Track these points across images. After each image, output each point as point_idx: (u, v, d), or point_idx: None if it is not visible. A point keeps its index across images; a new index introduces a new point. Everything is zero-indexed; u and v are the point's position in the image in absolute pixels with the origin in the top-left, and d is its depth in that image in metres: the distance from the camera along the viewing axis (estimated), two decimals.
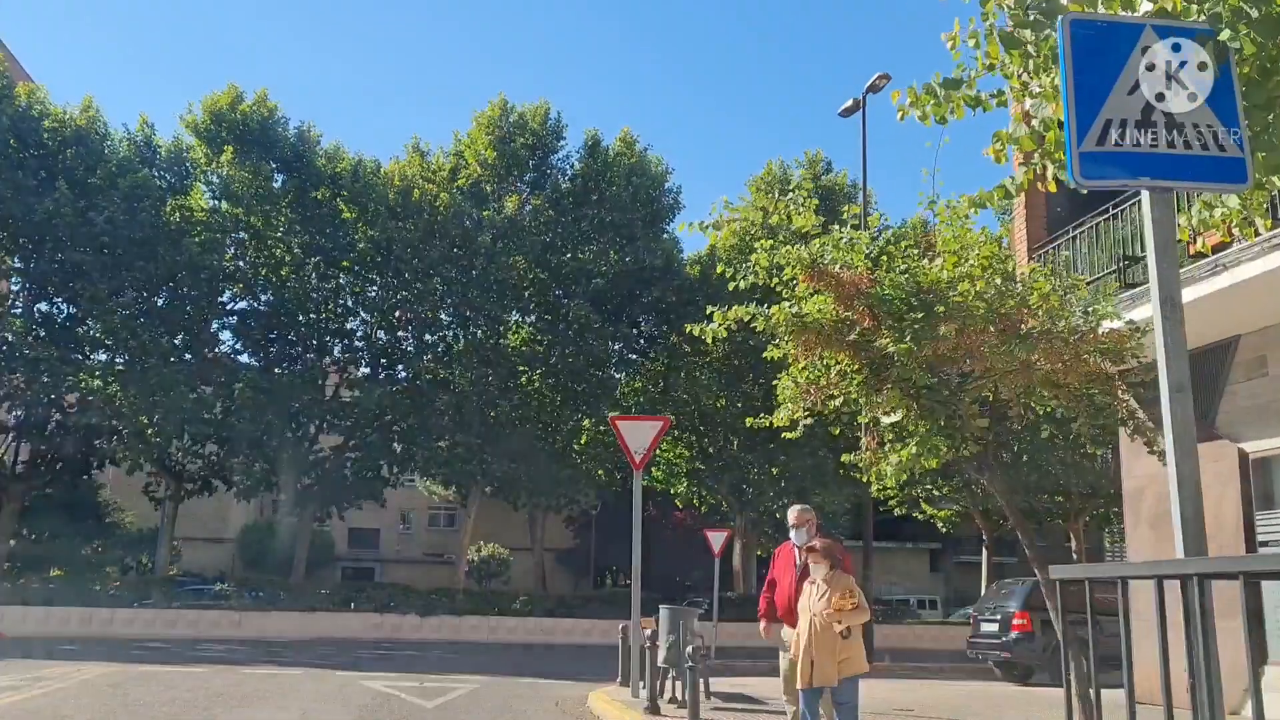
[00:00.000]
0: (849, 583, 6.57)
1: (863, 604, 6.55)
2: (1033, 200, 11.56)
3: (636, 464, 10.66)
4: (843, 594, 6.49)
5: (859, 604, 6.52)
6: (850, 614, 6.48)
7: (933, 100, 4.25)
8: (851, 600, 6.50)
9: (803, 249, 7.59)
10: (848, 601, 6.46)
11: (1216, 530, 9.67)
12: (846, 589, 6.51)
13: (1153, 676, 7.57)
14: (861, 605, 6.54)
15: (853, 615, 6.50)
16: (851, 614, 6.49)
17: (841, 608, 6.43)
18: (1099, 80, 3.21)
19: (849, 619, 6.47)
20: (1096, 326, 7.28)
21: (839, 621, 6.41)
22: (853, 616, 6.50)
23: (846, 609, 6.44)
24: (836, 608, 6.43)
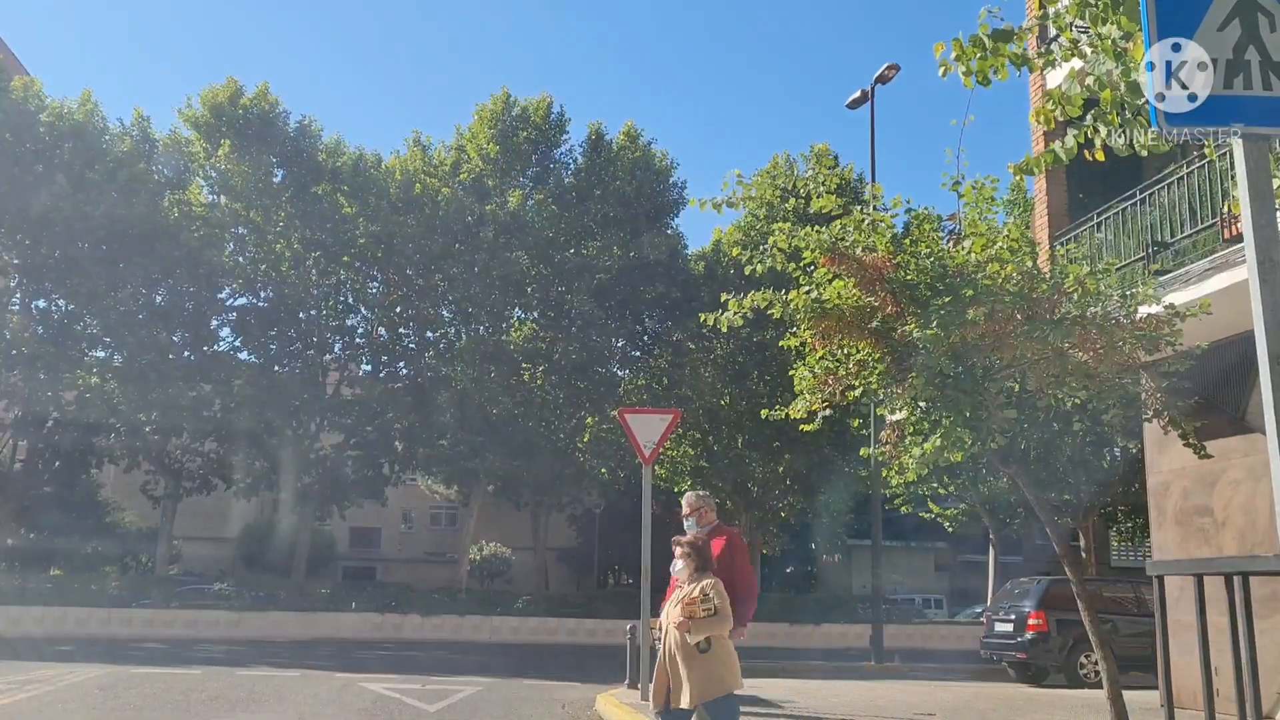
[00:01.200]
0: (711, 586, 5.54)
1: (724, 612, 5.45)
2: (1054, 187, 11.22)
3: (646, 458, 10.32)
4: (693, 599, 5.47)
5: (716, 610, 5.43)
6: (703, 623, 5.40)
7: (980, 53, 3.90)
8: (704, 607, 5.43)
9: (823, 231, 7.24)
10: (697, 607, 5.42)
11: (1248, 527, 9.32)
12: (702, 592, 5.50)
13: (1181, 677, 7.12)
14: (722, 613, 5.44)
15: (706, 624, 5.40)
16: (704, 623, 5.40)
17: (692, 614, 5.40)
18: (1185, 13, 2.85)
19: (702, 629, 5.39)
20: (1134, 312, 6.92)
21: (689, 631, 5.40)
22: (707, 626, 5.40)
23: (697, 615, 5.40)
24: (686, 614, 5.42)
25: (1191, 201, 8.99)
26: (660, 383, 29.03)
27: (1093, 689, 13.77)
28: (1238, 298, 7.84)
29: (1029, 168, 4.46)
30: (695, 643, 5.40)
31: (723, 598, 5.48)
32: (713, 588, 5.50)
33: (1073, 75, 4.02)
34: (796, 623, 27.02)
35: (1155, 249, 9.28)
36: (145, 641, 20.95)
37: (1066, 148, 4.16)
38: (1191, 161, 9.09)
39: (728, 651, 5.53)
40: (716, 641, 5.46)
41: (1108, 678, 7.78)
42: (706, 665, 5.40)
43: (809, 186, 7.78)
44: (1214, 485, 9.67)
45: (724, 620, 5.45)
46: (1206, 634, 5.38)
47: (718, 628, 5.43)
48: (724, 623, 5.45)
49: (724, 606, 5.47)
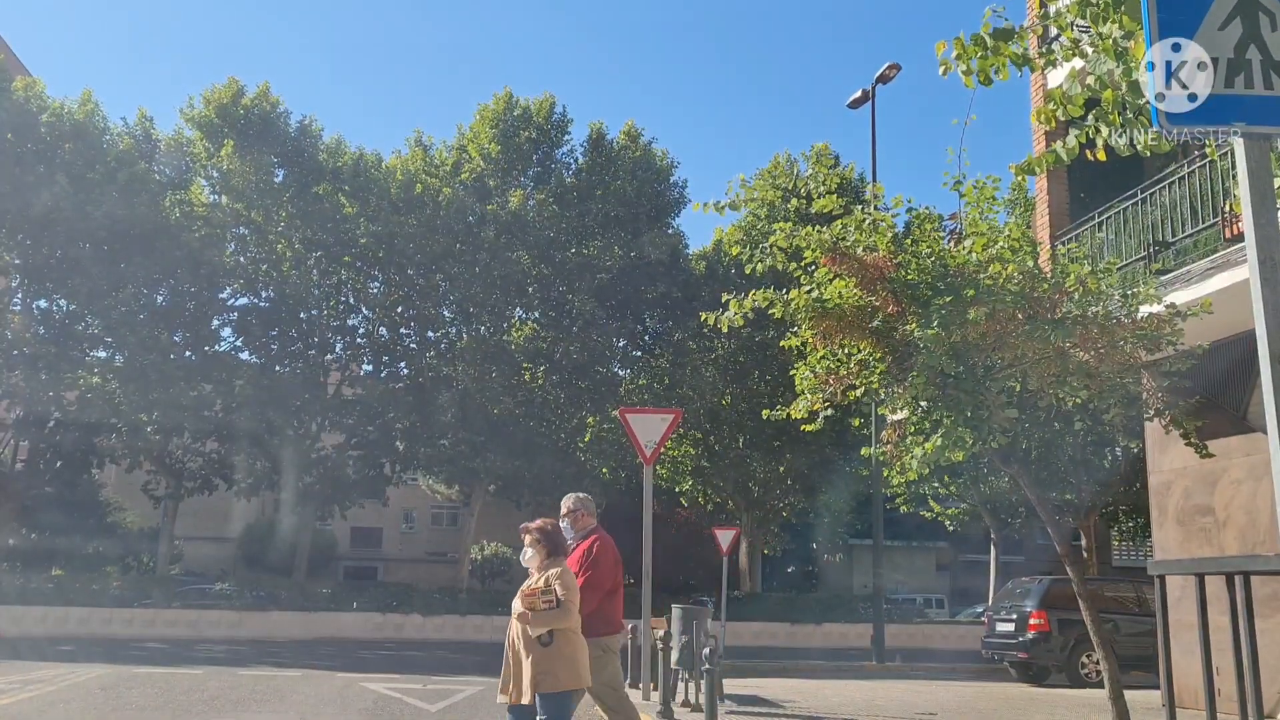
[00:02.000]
0: (556, 576, 5.31)
1: (568, 606, 5.22)
2: (1055, 186, 11.21)
3: (647, 458, 10.30)
4: (533, 590, 5.26)
5: (557, 601, 5.20)
6: (544, 615, 5.19)
7: (981, 53, 3.90)
8: (545, 598, 5.21)
9: (824, 230, 7.24)
10: (538, 599, 5.21)
11: (1249, 526, 9.32)
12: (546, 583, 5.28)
13: (1183, 677, 7.11)
14: (565, 607, 5.20)
15: (548, 616, 5.18)
16: (545, 615, 5.19)
17: (533, 606, 5.20)
18: (1186, 12, 2.85)
19: (543, 621, 5.18)
20: (1135, 311, 6.92)
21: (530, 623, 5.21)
22: (549, 618, 5.18)
23: (538, 607, 5.20)
24: (526, 605, 5.22)
25: (1193, 201, 8.99)
26: (661, 382, 29.04)
27: (1094, 689, 13.77)
28: (1239, 297, 7.84)
29: (1030, 168, 4.46)
30: (537, 635, 5.20)
31: (569, 589, 5.25)
32: (558, 578, 5.28)
33: (1074, 75, 4.01)
34: (798, 622, 27.01)
35: (1156, 248, 9.28)
36: (146, 641, 20.96)
37: (1068, 147, 4.16)
38: (1192, 161, 9.09)
39: (574, 647, 5.30)
40: (560, 635, 5.23)
41: (1109, 677, 7.79)
42: (546, 659, 5.19)
43: (810, 186, 7.79)
44: (1215, 485, 9.67)
45: (567, 613, 5.21)
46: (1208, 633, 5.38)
47: (560, 621, 5.20)
48: (567, 616, 5.21)
49: (569, 599, 5.22)
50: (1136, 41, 3.50)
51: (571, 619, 5.25)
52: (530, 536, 5.51)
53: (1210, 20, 2.84)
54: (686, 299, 27.98)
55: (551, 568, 5.36)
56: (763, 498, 30.65)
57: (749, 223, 27.80)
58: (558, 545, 5.51)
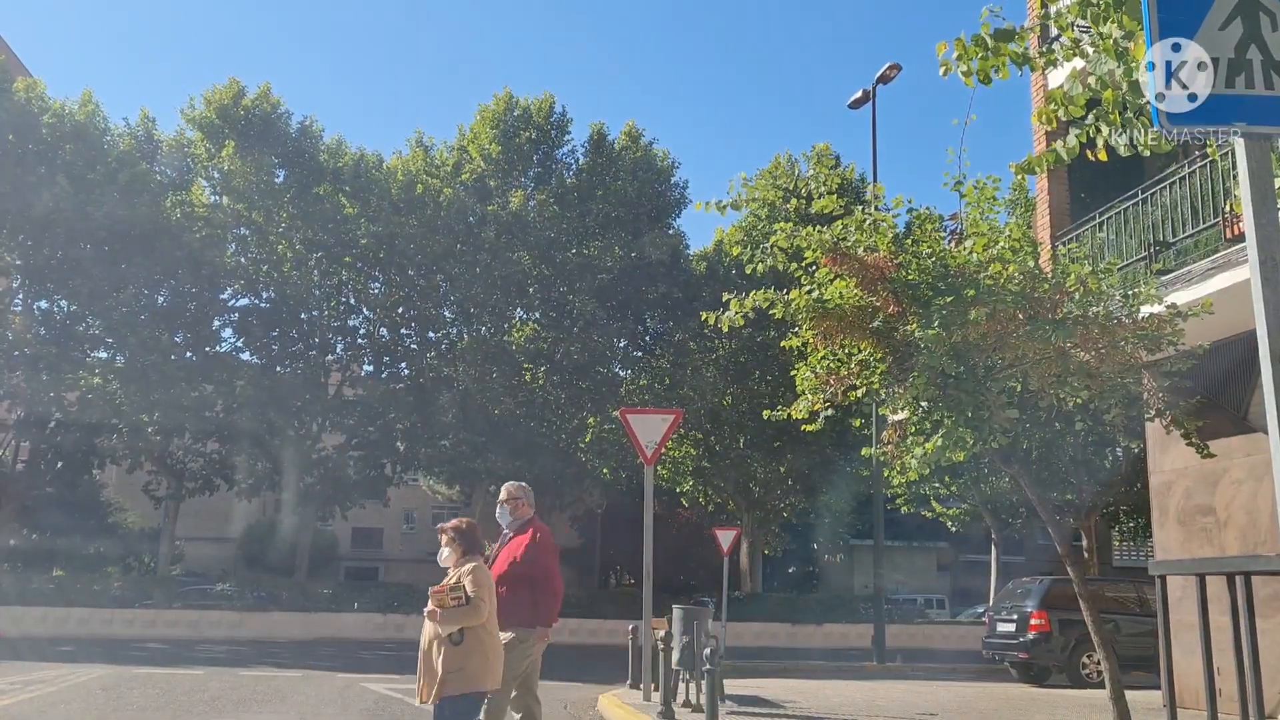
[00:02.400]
0: (468, 574, 5.24)
1: (478, 604, 5.15)
2: (1055, 186, 11.21)
3: (648, 458, 10.31)
4: (442, 588, 5.19)
5: (467, 599, 5.13)
6: (453, 613, 5.13)
7: (981, 53, 3.90)
8: (454, 596, 5.15)
9: (824, 231, 7.24)
10: (446, 596, 5.14)
11: (1250, 526, 9.32)
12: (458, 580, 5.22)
13: (1184, 677, 7.11)
14: (476, 605, 5.14)
15: (457, 615, 5.13)
16: (454, 613, 5.13)
17: (442, 603, 5.14)
18: (1187, 12, 2.85)
19: (452, 619, 5.13)
20: (1135, 311, 6.92)
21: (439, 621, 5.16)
22: (457, 616, 5.13)
23: (447, 605, 5.14)
24: (436, 603, 5.17)
25: (1193, 201, 8.99)
26: (662, 383, 29.05)
27: (1095, 689, 13.76)
28: (1240, 297, 7.84)
29: (1031, 167, 4.46)
30: (448, 634, 5.15)
31: (481, 587, 5.19)
32: (470, 575, 5.21)
33: (1074, 75, 4.02)
34: (798, 623, 27.02)
35: (1157, 248, 9.28)
36: (147, 642, 20.97)
37: (1068, 147, 4.16)
38: (1193, 161, 9.09)
39: (486, 646, 5.23)
40: (471, 634, 5.16)
41: (1110, 678, 7.79)
42: (456, 658, 5.12)
43: (810, 187, 7.79)
44: (1216, 485, 9.66)
45: (476, 612, 5.15)
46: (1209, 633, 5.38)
47: (469, 619, 5.13)
48: (476, 614, 5.15)
49: (480, 596, 5.16)
50: (1137, 42, 3.51)
51: (482, 617, 5.17)
52: (446, 535, 5.45)
53: (1211, 20, 2.84)
54: (687, 299, 27.98)
55: (465, 566, 5.30)
56: (763, 498, 30.64)
57: (750, 223, 27.81)
58: (473, 544, 5.45)
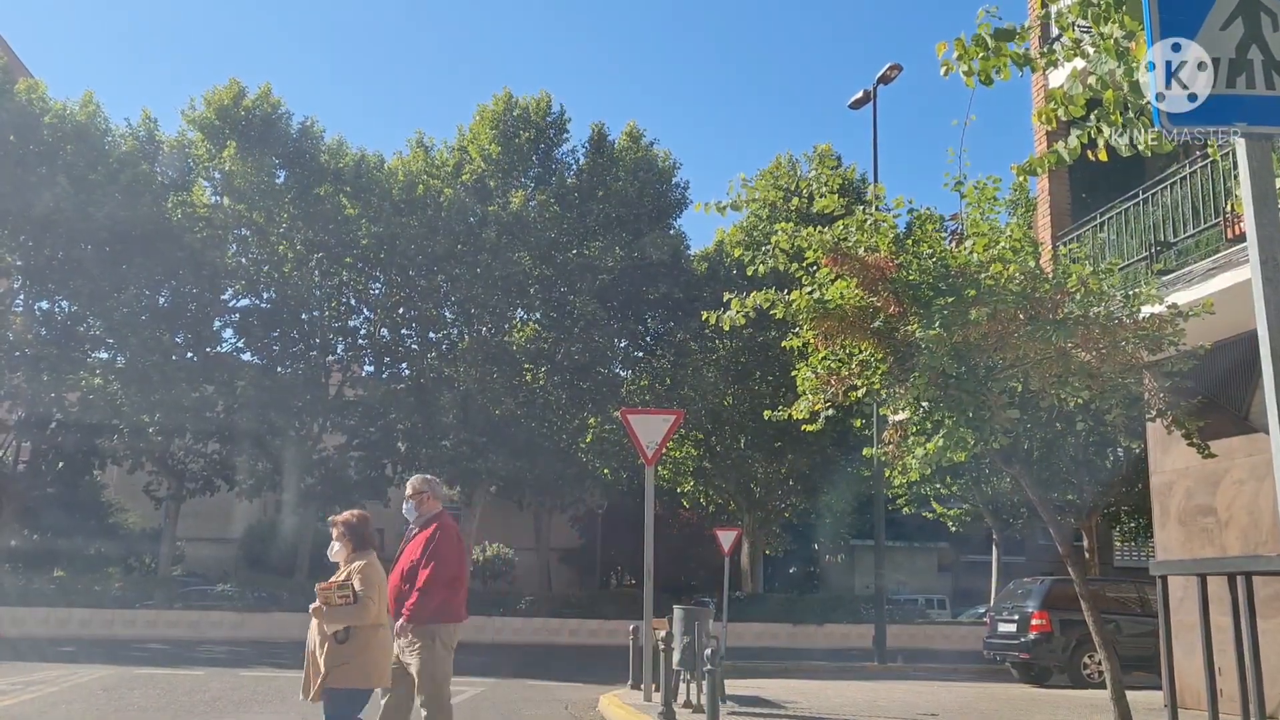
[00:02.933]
0: (358, 571, 5.17)
1: (365, 603, 5.08)
2: (1056, 187, 11.21)
3: (649, 459, 10.31)
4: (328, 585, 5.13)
5: (355, 597, 5.06)
6: (338, 611, 5.06)
7: (982, 53, 3.90)
8: (340, 594, 5.07)
9: (825, 231, 7.24)
10: (333, 594, 5.08)
11: (1251, 527, 9.31)
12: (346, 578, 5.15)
13: (1185, 677, 7.10)
14: (363, 604, 5.07)
15: (342, 613, 5.06)
16: (340, 611, 5.06)
17: (328, 600, 5.08)
18: (1188, 12, 2.85)
19: (339, 617, 5.06)
20: (1136, 312, 6.92)
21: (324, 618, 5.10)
22: (343, 614, 5.06)
23: (334, 602, 5.07)
24: (322, 600, 5.10)
25: (1194, 201, 8.98)
26: (663, 383, 29.05)
27: (1096, 689, 13.76)
28: (1241, 297, 7.84)
29: (1032, 168, 4.46)
30: (333, 631, 5.07)
31: (370, 585, 5.11)
32: (358, 573, 5.14)
33: (1075, 75, 4.02)
34: (800, 623, 27.03)
35: (1158, 249, 9.27)
36: (148, 642, 20.98)
37: (1069, 148, 4.16)
38: (1194, 161, 9.09)
39: (372, 644, 5.15)
40: (357, 632, 5.08)
41: (1111, 678, 7.78)
42: (341, 655, 5.03)
43: (811, 187, 7.80)
44: (1217, 485, 9.66)
45: (363, 611, 5.07)
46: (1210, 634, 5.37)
47: (354, 618, 5.06)
48: (363, 613, 5.07)
49: (368, 595, 5.08)
50: (1138, 42, 3.51)
51: (369, 616, 5.09)
52: (337, 529, 5.38)
53: (1212, 20, 2.84)
54: (688, 299, 27.98)
55: (357, 561, 5.22)
56: (764, 498, 30.65)
57: (750, 224, 27.82)
58: (364, 539, 5.37)
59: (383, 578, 5.30)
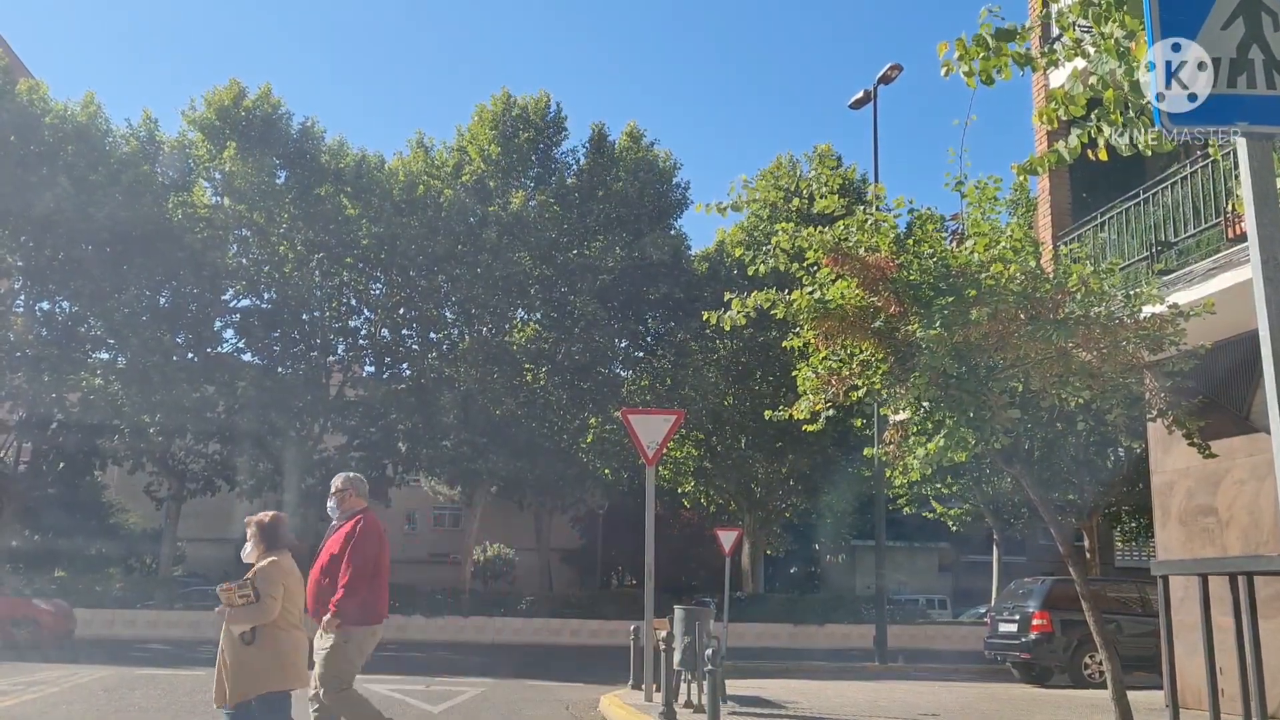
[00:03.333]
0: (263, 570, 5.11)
1: (267, 602, 5.01)
2: (1057, 186, 11.21)
3: (649, 459, 10.31)
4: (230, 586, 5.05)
5: (256, 597, 5.00)
6: (241, 611, 5.01)
7: (983, 53, 3.90)
8: (242, 594, 5.01)
9: (826, 231, 7.24)
10: (235, 595, 5.01)
11: (1252, 527, 9.31)
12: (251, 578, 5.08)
13: (1186, 677, 7.06)
14: (264, 603, 5.00)
15: (245, 613, 5.01)
16: (243, 611, 5.01)
17: (230, 601, 5.02)
18: (1189, 12, 2.85)
19: (243, 617, 5.01)
20: (1137, 311, 6.92)
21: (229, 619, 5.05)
22: (247, 615, 5.01)
23: (235, 603, 5.01)
24: (225, 601, 5.04)
25: (1195, 201, 8.98)
26: (663, 383, 29.05)
27: (1097, 689, 13.75)
28: (1241, 297, 7.84)
29: (1033, 167, 4.46)
30: (239, 633, 5.03)
31: (273, 584, 5.06)
32: (262, 572, 5.10)
33: (1076, 75, 4.02)
34: (800, 623, 27.03)
35: (1159, 249, 9.27)
36: (149, 642, 20.98)
37: (1070, 147, 4.16)
38: (1195, 161, 9.09)
39: (281, 646, 5.09)
40: (266, 633, 5.03)
41: (1112, 678, 7.78)
42: (249, 658, 5.01)
43: (812, 187, 7.80)
44: (1218, 485, 9.65)
45: (264, 610, 5.01)
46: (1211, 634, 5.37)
47: (258, 618, 5.01)
48: (264, 613, 5.01)
49: (269, 594, 5.02)
50: (1139, 41, 3.50)
51: (271, 615, 5.04)
52: (250, 530, 5.35)
53: (1213, 20, 2.84)
54: (688, 300, 27.98)
55: (265, 560, 5.18)
56: (765, 499, 30.65)
57: (751, 224, 27.82)
58: (275, 539, 5.33)
59: (292, 577, 5.24)
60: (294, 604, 5.25)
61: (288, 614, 5.18)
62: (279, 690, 5.12)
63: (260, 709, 5.07)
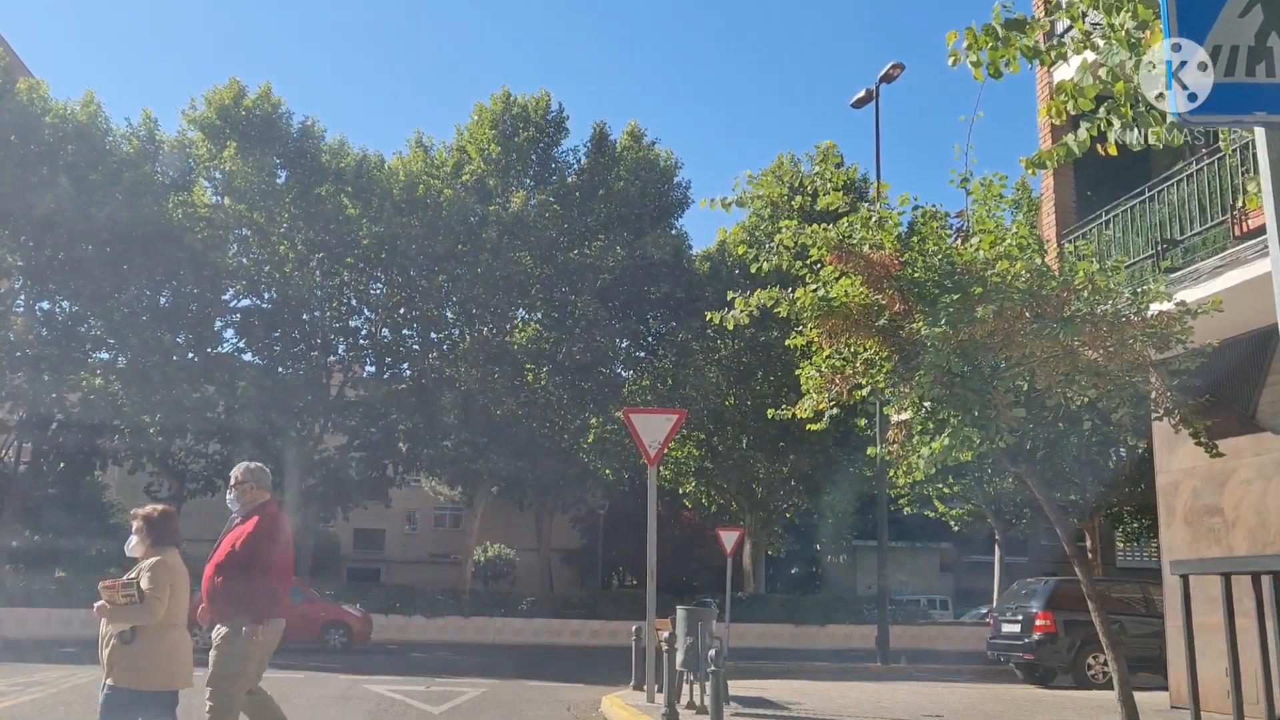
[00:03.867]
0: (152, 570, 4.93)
1: (150, 604, 4.85)
2: (1061, 184, 11.15)
3: (651, 458, 10.24)
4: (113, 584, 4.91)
5: (140, 596, 4.85)
6: (124, 611, 4.86)
7: (992, 44, 3.84)
8: (125, 593, 4.86)
9: (830, 228, 7.19)
10: (118, 593, 4.85)
11: (1259, 526, 9.25)
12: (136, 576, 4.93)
13: (1183, 679, 6.89)
14: (149, 604, 4.84)
15: (126, 612, 4.86)
16: (126, 611, 4.86)
17: (111, 600, 4.88)
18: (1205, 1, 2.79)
19: (122, 617, 4.87)
20: (1145, 309, 6.86)
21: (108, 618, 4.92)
22: (129, 614, 4.86)
23: (117, 602, 4.86)
24: (106, 599, 4.89)
25: (1201, 198, 8.92)
26: (664, 383, 28.99)
27: (1101, 690, 13.69)
28: (1249, 295, 7.78)
29: (1041, 161, 4.40)
30: (118, 632, 4.90)
31: (159, 585, 4.90)
32: (148, 571, 4.94)
33: (1086, 66, 3.96)
34: (801, 624, 26.97)
35: (1164, 246, 9.21)
36: None
37: (1079, 140, 4.10)
38: (1201, 158, 9.03)
39: (162, 646, 4.95)
40: (144, 633, 4.88)
41: (1119, 679, 7.71)
42: (127, 658, 4.87)
43: (816, 183, 7.74)
44: (1224, 485, 9.59)
45: (148, 611, 4.86)
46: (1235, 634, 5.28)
47: (139, 618, 4.86)
48: (147, 614, 4.86)
49: (154, 595, 4.87)
50: (1154, 30, 3.45)
51: (155, 617, 4.90)
52: (136, 523, 5.17)
53: (1230, 8, 2.78)
54: (690, 299, 27.92)
55: (152, 558, 5.03)
56: (766, 499, 30.59)
57: (753, 223, 27.76)
58: (163, 535, 5.15)
59: (179, 575, 5.09)
60: (178, 603, 5.08)
61: (171, 613, 5.01)
62: (158, 691, 4.95)
63: (113, 705, 4.92)
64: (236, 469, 6.02)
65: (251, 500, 5.89)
